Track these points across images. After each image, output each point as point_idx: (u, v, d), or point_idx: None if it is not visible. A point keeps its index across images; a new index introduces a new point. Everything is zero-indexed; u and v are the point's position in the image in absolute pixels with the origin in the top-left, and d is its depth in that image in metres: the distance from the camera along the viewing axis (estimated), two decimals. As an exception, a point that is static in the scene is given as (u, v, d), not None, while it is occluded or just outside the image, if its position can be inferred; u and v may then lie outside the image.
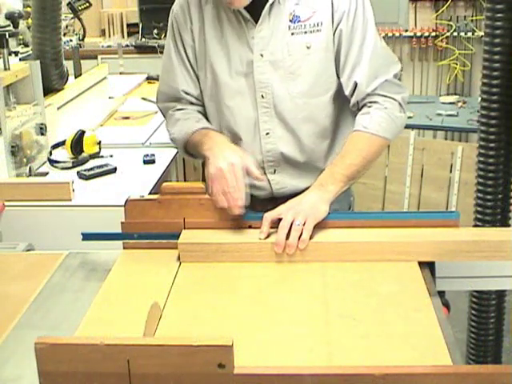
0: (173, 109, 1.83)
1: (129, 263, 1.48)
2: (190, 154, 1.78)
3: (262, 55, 1.69)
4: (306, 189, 1.62)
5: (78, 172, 2.33)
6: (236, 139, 1.76)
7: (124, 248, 1.53)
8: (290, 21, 1.67)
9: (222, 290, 1.35)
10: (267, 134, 1.74)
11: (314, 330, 1.19)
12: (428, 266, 1.41)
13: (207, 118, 1.83)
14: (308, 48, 1.67)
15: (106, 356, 0.94)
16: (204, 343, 0.94)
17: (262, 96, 1.71)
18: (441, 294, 1.35)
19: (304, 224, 1.44)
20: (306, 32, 1.67)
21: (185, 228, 1.51)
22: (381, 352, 1.12)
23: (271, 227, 1.47)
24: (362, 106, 1.71)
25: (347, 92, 1.71)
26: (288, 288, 1.35)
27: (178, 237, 1.48)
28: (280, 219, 1.47)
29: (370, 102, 1.69)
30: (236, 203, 1.49)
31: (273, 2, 1.66)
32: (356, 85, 1.69)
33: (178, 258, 1.46)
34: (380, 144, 1.66)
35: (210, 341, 0.94)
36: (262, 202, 1.79)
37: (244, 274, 1.41)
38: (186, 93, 1.80)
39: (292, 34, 1.67)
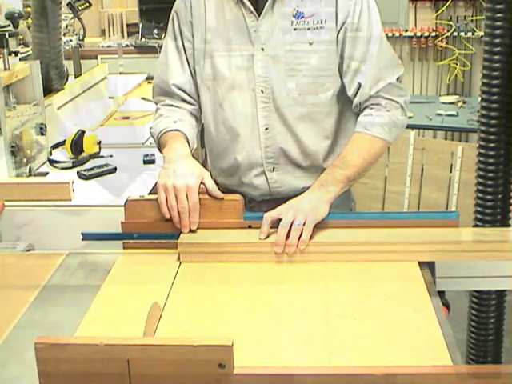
0: (162, 103, 1.81)
1: (129, 263, 1.48)
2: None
3: (263, 49, 1.68)
4: (304, 189, 1.62)
5: (78, 172, 2.33)
6: (234, 135, 1.75)
7: (124, 248, 1.53)
8: (294, 16, 1.67)
9: (222, 290, 1.35)
10: (266, 129, 1.73)
11: (314, 330, 1.19)
12: (428, 266, 1.41)
13: (198, 117, 1.82)
14: (310, 44, 1.67)
15: (105, 356, 0.94)
16: (204, 343, 0.93)
17: (262, 91, 1.70)
18: (441, 294, 1.35)
19: (304, 224, 1.44)
20: (308, 28, 1.67)
21: (185, 228, 1.51)
22: (381, 352, 1.11)
23: (271, 227, 1.47)
24: (365, 108, 1.70)
25: (350, 93, 1.71)
26: (288, 288, 1.35)
27: (178, 237, 1.48)
28: (280, 219, 1.46)
29: (373, 104, 1.69)
30: (186, 224, 1.48)
31: None
32: (359, 86, 1.68)
33: (178, 258, 1.46)
34: (381, 146, 1.66)
35: (210, 341, 0.94)
36: (259, 205, 1.79)
37: (244, 274, 1.41)
38: (178, 88, 1.78)
39: (295, 29, 1.67)
